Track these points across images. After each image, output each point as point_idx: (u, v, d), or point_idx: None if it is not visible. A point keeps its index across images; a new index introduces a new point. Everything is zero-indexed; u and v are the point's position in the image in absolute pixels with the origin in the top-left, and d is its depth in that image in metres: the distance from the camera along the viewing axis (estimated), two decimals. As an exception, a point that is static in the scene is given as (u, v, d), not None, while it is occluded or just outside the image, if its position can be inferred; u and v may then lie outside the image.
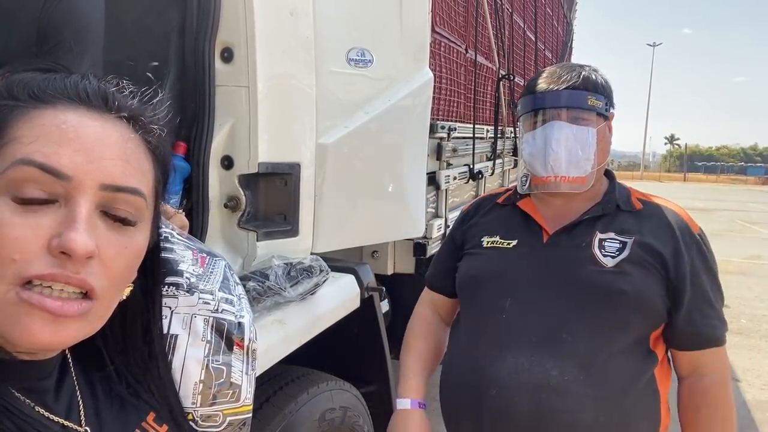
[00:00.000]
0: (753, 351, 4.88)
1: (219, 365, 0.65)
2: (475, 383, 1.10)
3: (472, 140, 2.72)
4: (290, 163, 1.36)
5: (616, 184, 1.19)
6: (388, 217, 1.81)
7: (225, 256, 1.27)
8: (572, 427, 1.04)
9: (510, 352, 1.07)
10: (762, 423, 3.63)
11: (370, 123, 1.60)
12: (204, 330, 0.65)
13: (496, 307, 1.12)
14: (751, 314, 5.96)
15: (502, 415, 1.06)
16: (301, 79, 1.38)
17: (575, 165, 1.11)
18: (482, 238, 1.20)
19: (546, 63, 5.51)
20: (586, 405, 1.03)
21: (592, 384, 1.04)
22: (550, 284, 1.10)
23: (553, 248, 1.13)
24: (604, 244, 1.10)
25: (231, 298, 0.69)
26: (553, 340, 1.06)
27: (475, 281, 1.18)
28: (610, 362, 1.05)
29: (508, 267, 1.14)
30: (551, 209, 1.17)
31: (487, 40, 3.10)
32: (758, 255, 9.75)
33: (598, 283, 1.07)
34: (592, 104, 1.11)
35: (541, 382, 1.04)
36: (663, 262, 1.07)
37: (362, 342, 1.70)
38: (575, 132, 1.10)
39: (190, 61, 1.25)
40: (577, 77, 1.12)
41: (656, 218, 1.12)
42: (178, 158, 1.23)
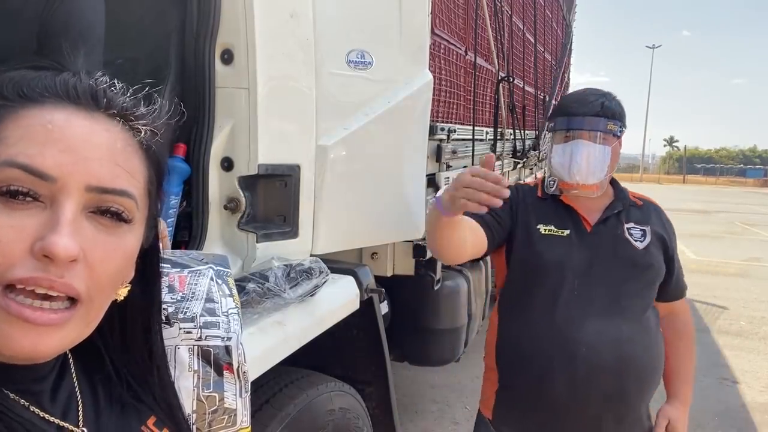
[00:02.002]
0: (752, 353, 4.88)
1: (210, 393, 0.64)
2: (565, 346, 1.39)
3: (472, 142, 2.72)
4: (290, 164, 1.36)
5: (620, 186, 1.57)
6: (388, 219, 1.81)
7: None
8: (642, 365, 1.43)
9: (588, 319, 1.40)
10: (761, 425, 3.63)
11: (370, 125, 1.60)
12: (190, 360, 0.64)
13: (568, 286, 1.43)
14: (750, 316, 5.96)
15: (594, 366, 1.38)
16: (300, 80, 1.38)
17: (592, 175, 1.44)
18: (538, 225, 1.48)
19: (545, 65, 5.51)
20: (646, 348, 1.44)
21: (645, 332, 1.45)
22: (602, 264, 1.44)
23: (598, 236, 1.47)
24: (631, 232, 1.47)
25: (216, 321, 0.67)
26: (616, 305, 1.42)
27: (544, 266, 1.45)
28: (649, 316, 1.47)
29: (569, 253, 1.45)
30: (584, 205, 1.50)
31: (486, 42, 3.10)
32: (758, 257, 9.75)
33: (636, 260, 1.45)
34: (610, 128, 1.45)
35: (618, 337, 1.40)
36: (664, 243, 1.49)
37: (362, 343, 1.69)
38: (595, 150, 1.44)
39: (190, 63, 1.25)
40: (600, 106, 1.44)
41: (652, 211, 1.54)
42: (178, 159, 1.23)
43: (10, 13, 1.01)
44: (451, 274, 2.87)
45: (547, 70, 5.65)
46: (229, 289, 0.72)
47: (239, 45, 1.24)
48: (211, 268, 0.71)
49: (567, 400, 1.40)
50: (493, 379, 1.54)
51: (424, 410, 3.68)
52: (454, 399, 3.86)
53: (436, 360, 2.97)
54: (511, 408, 1.51)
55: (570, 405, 1.41)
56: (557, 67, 6.28)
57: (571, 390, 1.39)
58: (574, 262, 1.43)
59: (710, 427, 3.36)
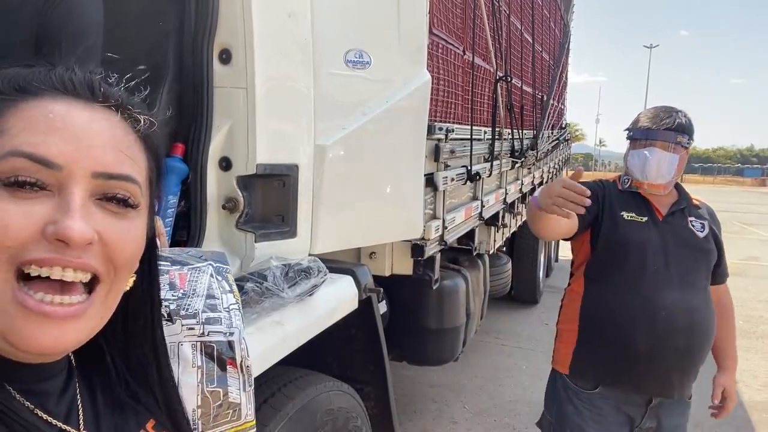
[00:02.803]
0: (750, 352, 4.90)
1: (214, 388, 0.64)
2: (649, 312, 1.71)
3: (470, 142, 2.72)
4: (288, 164, 1.36)
5: (684, 189, 1.91)
6: (386, 219, 1.81)
7: (223, 258, 1.28)
8: (706, 329, 1.76)
9: (667, 290, 1.72)
10: (758, 423, 3.64)
11: (368, 124, 1.60)
12: (193, 356, 0.64)
13: (649, 263, 1.75)
14: (748, 315, 5.97)
15: (670, 327, 1.70)
16: (299, 80, 1.38)
17: (661, 177, 1.77)
18: (621, 212, 1.80)
19: (543, 65, 5.52)
20: (708, 316, 1.77)
21: (707, 304, 1.78)
22: (674, 246, 1.77)
23: (669, 225, 1.80)
24: (693, 224, 1.82)
25: (218, 316, 0.67)
26: (685, 280, 1.75)
27: (629, 244, 1.76)
28: (708, 292, 1.81)
29: (648, 236, 1.77)
30: (656, 199, 1.84)
31: (484, 41, 3.10)
32: (755, 256, 9.78)
33: (700, 246, 1.80)
34: (679, 140, 1.75)
35: (690, 306, 1.73)
36: (716, 236, 1.84)
37: (360, 343, 1.69)
38: (666, 157, 1.75)
39: (188, 63, 1.25)
40: (673, 122, 1.75)
41: (706, 211, 1.90)
42: (176, 159, 1.23)
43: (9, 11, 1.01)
44: (450, 274, 2.87)
45: (545, 70, 5.65)
46: (229, 285, 0.72)
47: (237, 45, 1.24)
48: (210, 264, 0.72)
49: (646, 354, 1.71)
50: (571, 340, 1.84)
51: (423, 409, 3.68)
52: (453, 398, 3.86)
53: (435, 359, 2.97)
54: (590, 362, 1.81)
55: (648, 358, 1.71)
56: (555, 66, 6.28)
57: (650, 345, 1.70)
58: (652, 243, 1.76)
59: (708, 426, 3.37)
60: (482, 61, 3.11)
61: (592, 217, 1.80)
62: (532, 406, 3.74)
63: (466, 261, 3.21)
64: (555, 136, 6.21)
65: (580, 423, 1.82)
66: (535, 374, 4.30)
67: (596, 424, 1.81)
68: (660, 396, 1.79)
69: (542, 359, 4.58)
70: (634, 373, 1.75)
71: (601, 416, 1.81)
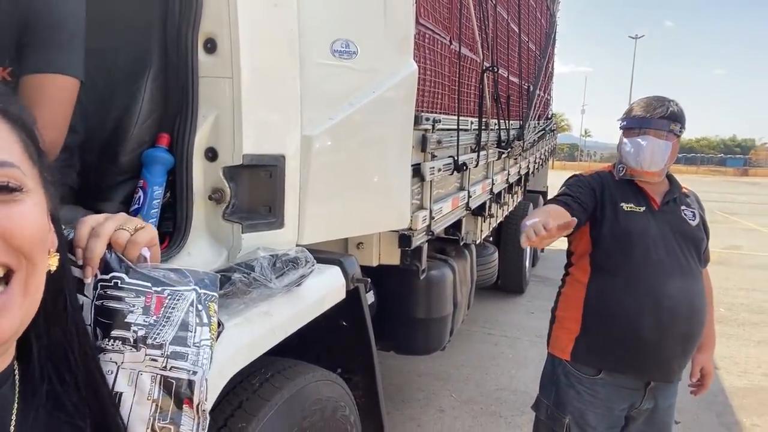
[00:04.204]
0: (731, 339, 5.00)
1: (166, 424, 0.62)
2: (653, 299, 1.77)
3: (457, 132, 2.73)
4: (275, 155, 1.36)
5: (674, 178, 1.96)
6: (374, 209, 1.81)
7: (210, 249, 1.28)
8: (704, 313, 1.84)
9: (670, 278, 1.78)
10: (739, 408, 3.72)
11: (355, 115, 1.60)
12: (151, 388, 0.62)
13: (651, 252, 1.80)
14: (730, 303, 6.08)
15: (675, 313, 1.77)
16: (285, 70, 1.37)
17: (655, 164, 1.82)
18: (620, 203, 1.85)
19: (530, 55, 5.53)
20: (704, 301, 1.86)
21: (702, 289, 1.86)
22: (672, 235, 1.83)
23: (665, 214, 1.86)
24: (685, 213, 1.89)
25: (185, 352, 0.64)
26: (684, 267, 1.82)
27: (631, 235, 1.82)
28: (701, 277, 1.88)
29: (647, 226, 1.83)
30: (651, 188, 1.90)
31: (471, 32, 3.10)
32: (737, 245, 9.94)
33: (693, 234, 1.87)
34: (671, 128, 1.81)
35: (690, 292, 1.80)
36: (704, 223, 1.92)
37: (348, 333, 1.70)
38: (659, 144, 1.80)
39: (172, 52, 1.23)
40: (665, 110, 1.80)
41: (694, 199, 1.99)
42: (162, 150, 1.22)
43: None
44: (437, 264, 2.89)
45: (531, 60, 5.66)
46: (207, 317, 0.68)
47: (222, 34, 1.23)
48: (195, 290, 0.68)
49: (652, 341, 1.78)
50: (573, 328, 1.89)
51: (410, 398, 3.71)
52: (440, 387, 3.90)
53: (422, 349, 2.99)
54: (595, 349, 1.86)
55: (654, 345, 1.78)
56: (541, 57, 6.30)
57: (656, 333, 1.77)
58: (652, 232, 1.82)
59: (690, 412, 3.44)
60: (469, 52, 3.11)
61: (589, 214, 1.85)
62: (518, 393, 3.79)
63: (453, 251, 3.23)
64: (541, 126, 6.25)
65: (581, 407, 1.87)
66: (521, 362, 4.35)
67: (597, 408, 1.87)
68: (661, 380, 1.86)
69: (528, 347, 4.63)
70: (639, 359, 1.81)
71: (601, 400, 1.87)
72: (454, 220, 2.95)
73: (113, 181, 1.26)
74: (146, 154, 1.22)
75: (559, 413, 1.91)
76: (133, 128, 1.22)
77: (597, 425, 1.86)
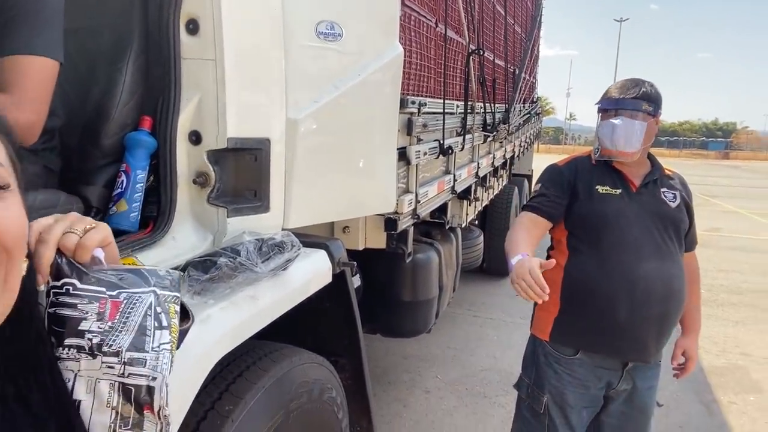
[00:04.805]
0: (710, 319, 5.10)
1: (128, 430, 0.62)
2: (628, 281, 1.78)
3: (443, 115, 2.72)
4: (260, 138, 1.35)
5: (656, 160, 1.96)
6: (359, 193, 1.81)
7: (195, 234, 1.27)
8: (680, 295, 1.85)
9: (644, 260, 1.79)
10: (717, 387, 3.82)
11: (340, 98, 1.59)
12: (110, 396, 0.61)
13: (626, 233, 1.82)
14: (710, 284, 6.20)
15: (649, 295, 1.78)
16: (269, 52, 1.35)
17: (629, 144, 1.82)
18: (596, 186, 1.87)
19: (516, 38, 5.51)
20: (682, 283, 1.86)
21: (681, 271, 1.87)
22: (649, 217, 1.84)
23: (642, 196, 1.87)
24: (666, 194, 1.89)
25: (143, 357, 0.62)
26: (661, 249, 1.82)
27: (605, 217, 1.84)
28: (681, 259, 1.89)
29: (623, 208, 1.84)
30: (629, 171, 1.90)
31: (457, 14, 3.08)
32: (717, 227, 10.11)
33: (673, 215, 1.87)
34: (645, 109, 1.82)
35: (666, 274, 1.81)
36: (687, 205, 1.92)
37: (335, 317, 1.71)
38: (632, 124, 1.81)
39: (154, 33, 1.21)
40: (638, 91, 1.82)
41: (678, 181, 1.97)
42: (144, 133, 1.20)
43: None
44: (423, 247, 2.90)
45: (517, 43, 5.65)
46: (167, 320, 0.66)
47: (205, 15, 1.21)
48: (153, 292, 0.66)
49: (626, 322, 1.80)
50: (552, 309, 1.91)
51: (397, 380, 3.75)
52: (426, 369, 3.94)
53: (408, 331, 3.02)
54: (572, 330, 1.89)
55: (628, 325, 1.80)
56: (527, 40, 6.28)
57: (630, 314, 1.79)
58: (628, 214, 1.83)
59: (669, 390, 3.52)
60: (455, 34, 3.10)
61: (564, 205, 1.89)
62: (503, 374, 3.85)
63: (438, 234, 3.24)
64: (526, 110, 6.25)
65: (559, 386, 1.91)
66: (505, 344, 4.40)
67: (575, 388, 1.90)
68: (637, 361, 1.89)
69: (512, 329, 4.69)
70: (614, 339, 1.84)
71: (579, 380, 1.90)
72: (439, 203, 2.96)
73: (95, 164, 1.25)
74: (128, 138, 1.20)
75: (538, 392, 1.95)
76: (115, 111, 1.20)
77: (575, 404, 1.90)
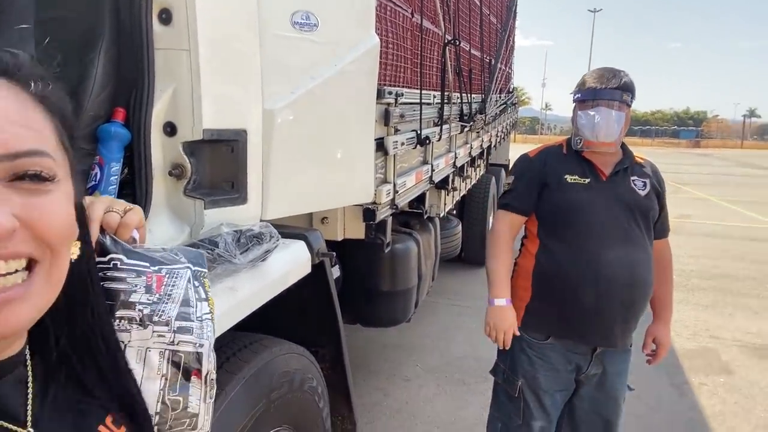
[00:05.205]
0: (681, 304, 5.24)
1: (176, 396, 0.64)
2: (594, 269, 1.83)
3: (419, 106, 2.73)
4: (236, 129, 1.34)
5: (628, 148, 1.98)
6: (337, 183, 1.81)
7: (172, 226, 1.26)
8: (646, 283, 1.88)
9: (610, 248, 1.83)
10: (689, 370, 3.93)
11: (317, 88, 1.58)
12: (160, 363, 0.64)
13: (593, 222, 1.86)
14: (680, 270, 6.36)
15: (614, 283, 1.83)
16: (244, 42, 1.34)
17: (610, 134, 1.85)
18: (564, 176, 1.90)
19: (491, 28, 5.54)
20: (648, 270, 1.89)
21: (648, 258, 1.89)
22: (617, 206, 1.87)
23: (611, 184, 1.90)
24: (635, 183, 1.91)
25: (189, 326, 0.66)
26: (628, 237, 1.86)
27: (572, 206, 1.87)
28: (649, 247, 1.91)
29: (591, 197, 1.87)
30: (599, 160, 1.93)
31: (432, 4, 3.09)
32: (688, 214, 10.35)
33: (641, 203, 1.89)
34: (624, 99, 1.84)
35: (631, 261, 1.84)
36: (657, 193, 1.95)
37: (315, 307, 1.71)
38: (613, 115, 1.83)
39: (126, 23, 1.19)
40: (618, 81, 1.84)
41: (650, 168, 1.99)
42: (117, 125, 1.19)
43: None
44: (401, 237, 2.92)
45: (492, 34, 5.68)
46: (204, 293, 0.71)
47: (178, 4, 1.19)
48: (189, 268, 0.70)
49: (591, 309, 1.84)
50: (525, 297, 1.97)
51: (377, 369, 3.78)
52: (406, 357, 3.98)
53: (388, 321, 3.04)
54: (542, 316, 1.95)
55: (594, 312, 1.85)
56: (503, 30, 6.31)
57: (595, 301, 1.84)
58: (595, 203, 1.86)
59: (642, 373, 3.61)
60: (431, 25, 3.10)
61: (536, 197, 1.95)
62: (481, 361, 3.90)
63: (417, 224, 3.26)
64: (503, 100, 6.30)
65: (531, 370, 1.97)
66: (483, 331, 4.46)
67: (546, 372, 1.96)
68: (604, 346, 1.94)
69: (491, 317, 4.76)
70: (581, 326, 1.90)
71: (550, 364, 1.96)
72: (417, 193, 2.98)
73: (68, 157, 1.23)
74: (101, 130, 1.18)
75: (513, 377, 2.00)
76: (87, 103, 1.18)
77: (547, 388, 1.96)
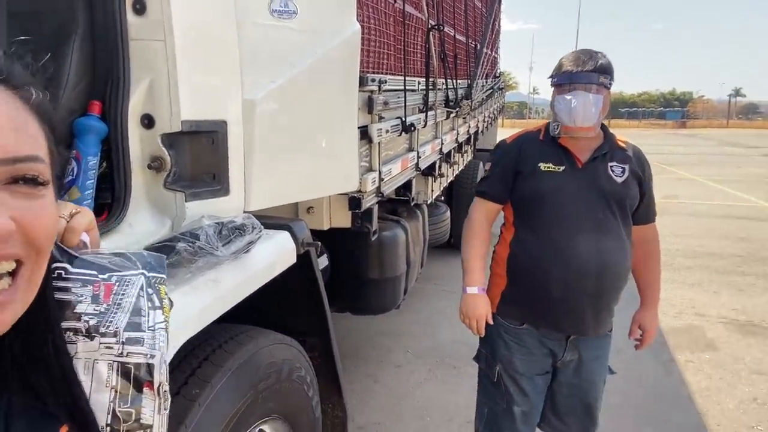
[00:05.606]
0: (667, 283, 5.29)
1: (127, 408, 0.62)
2: (562, 258, 1.81)
3: (404, 93, 2.72)
4: (216, 120, 1.32)
5: (609, 132, 1.93)
6: (322, 173, 1.81)
7: (152, 219, 1.25)
8: (616, 271, 1.85)
9: (580, 236, 1.81)
10: (675, 348, 3.99)
11: (298, 77, 1.57)
12: (108, 375, 0.62)
13: (563, 211, 1.83)
14: (666, 249, 6.40)
15: (583, 272, 1.81)
16: (222, 31, 1.32)
17: (588, 119, 1.80)
18: (538, 164, 1.87)
19: (476, 13, 5.51)
20: (619, 259, 1.85)
21: (621, 247, 1.86)
22: (590, 193, 1.83)
23: (587, 172, 1.85)
24: (614, 169, 1.86)
25: (140, 337, 0.64)
26: (601, 225, 1.82)
27: (543, 195, 1.85)
28: (624, 235, 1.87)
29: (564, 184, 1.84)
30: (577, 145, 1.88)
31: (415, -11, 3.06)
32: (674, 194, 10.45)
33: (617, 191, 1.84)
34: (602, 81, 1.80)
35: (604, 250, 1.81)
36: (639, 178, 1.89)
37: (302, 297, 1.71)
38: (590, 98, 1.78)
39: (99, 14, 1.17)
40: (594, 63, 1.79)
41: (632, 152, 1.93)
42: (94, 118, 1.17)
43: None
44: (389, 225, 2.92)
45: (477, 18, 5.65)
46: (159, 300, 0.68)
47: (152, -6, 1.17)
48: (143, 274, 0.67)
49: (561, 296, 1.84)
50: (501, 283, 1.98)
51: (367, 356, 3.80)
52: (395, 343, 4.00)
53: (377, 308, 3.05)
54: (515, 302, 1.96)
55: (563, 301, 1.85)
56: (488, 14, 6.28)
57: (564, 288, 1.83)
58: (567, 191, 1.83)
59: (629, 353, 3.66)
60: (414, 10, 3.08)
61: (511, 185, 1.95)
62: (471, 346, 3.91)
63: (404, 212, 3.26)
64: (489, 85, 6.29)
65: (508, 354, 1.99)
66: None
67: (523, 356, 1.98)
68: (576, 334, 1.94)
69: (481, 302, 4.79)
70: (552, 314, 1.90)
71: (527, 349, 1.97)
72: (404, 181, 2.97)
73: (44, 152, 1.21)
74: (77, 123, 1.17)
75: (492, 361, 2.03)
76: (62, 96, 1.16)
77: (524, 371, 1.98)
